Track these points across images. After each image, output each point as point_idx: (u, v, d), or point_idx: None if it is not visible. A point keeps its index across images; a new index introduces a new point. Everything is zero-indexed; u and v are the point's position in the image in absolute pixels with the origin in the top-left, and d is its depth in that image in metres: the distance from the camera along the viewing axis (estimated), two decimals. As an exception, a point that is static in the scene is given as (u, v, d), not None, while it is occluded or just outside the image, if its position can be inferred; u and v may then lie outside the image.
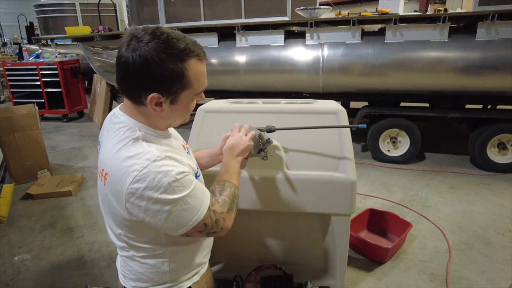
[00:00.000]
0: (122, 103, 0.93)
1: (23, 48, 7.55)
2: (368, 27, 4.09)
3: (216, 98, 2.35)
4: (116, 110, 0.92)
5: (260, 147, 1.25)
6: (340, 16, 3.85)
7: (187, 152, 1.04)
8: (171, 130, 1.01)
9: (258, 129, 1.28)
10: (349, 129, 1.48)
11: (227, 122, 1.37)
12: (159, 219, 0.81)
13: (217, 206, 0.94)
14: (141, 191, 0.78)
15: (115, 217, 0.88)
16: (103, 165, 0.85)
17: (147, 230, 0.89)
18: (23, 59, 6.93)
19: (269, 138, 1.28)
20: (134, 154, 0.80)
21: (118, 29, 7.34)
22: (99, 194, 0.94)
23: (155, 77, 0.78)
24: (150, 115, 0.87)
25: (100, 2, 6.78)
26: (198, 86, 0.86)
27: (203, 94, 0.92)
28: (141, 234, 0.90)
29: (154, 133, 0.89)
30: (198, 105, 1.26)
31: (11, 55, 11.05)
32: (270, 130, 1.32)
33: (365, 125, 1.38)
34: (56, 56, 6.20)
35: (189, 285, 1.02)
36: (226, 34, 4.13)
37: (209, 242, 1.12)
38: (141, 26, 0.82)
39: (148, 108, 0.84)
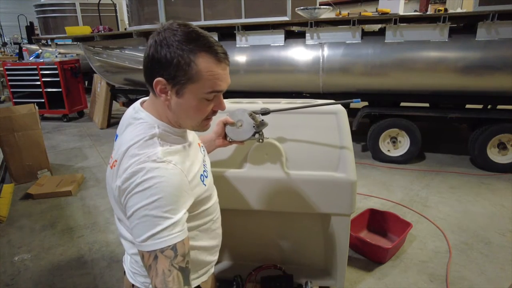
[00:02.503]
0: (145, 99, 0.93)
1: (23, 48, 7.53)
2: (368, 27, 4.08)
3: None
4: (137, 105, 0.93)
5: (254, 130, 1.25)
6: (340, 16, 3.85)
7: (203, 150, 1.05)
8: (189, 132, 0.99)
9: (253, 112, 1.26)
10: (349, 129, 1.48)
11: (227, 122, 1.37)
12: (127, 216, 0.80)
13: (166, 262, 0.75)
14: (128, 183, 0.79)
15: (123, 210, 0.88)
16: (116, 156, 0.86)
17: None
18: (23, 59, 6.91)
19: (263, 120, 1.27)
20: (143, 152, 0.81)
21: (118, 29, 7.33)
22: (108, 185, 0.94)
23: (162, 61, 0.79)
24: (163, 107, 0.87)
25: (100, 2, 6.78)
26: (207, 84, 0.83)
27: (223, 102, 0.89)
28: None
29: (172, 130, 0.89)
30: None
31: (11, 55, 11.04)
32: (265, 112, 1.31)
33: (359, 99, 1.37)
34: (56, 56, 6.20)
35: (197, 284, 1.01)
36: (226, 34, 4.13)
37: (218, 241, 1.10)
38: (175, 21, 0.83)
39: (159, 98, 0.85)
